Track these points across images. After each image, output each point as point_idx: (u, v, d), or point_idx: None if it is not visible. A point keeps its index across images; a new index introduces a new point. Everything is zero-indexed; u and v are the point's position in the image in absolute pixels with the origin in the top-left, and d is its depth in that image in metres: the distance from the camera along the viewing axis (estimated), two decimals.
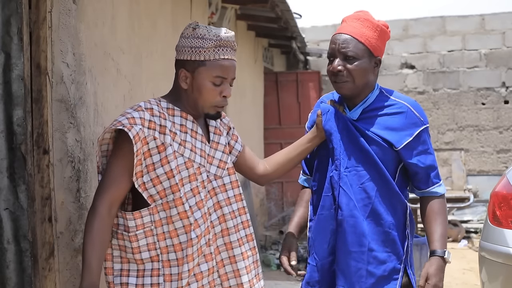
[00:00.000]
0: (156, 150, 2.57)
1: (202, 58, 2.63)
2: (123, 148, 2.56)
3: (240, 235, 2.81)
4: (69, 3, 2.98)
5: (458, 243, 9.66)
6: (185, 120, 2.70)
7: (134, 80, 3.95)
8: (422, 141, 3.00)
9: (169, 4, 5.10)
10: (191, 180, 2.65)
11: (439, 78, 13.91)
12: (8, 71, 2.54)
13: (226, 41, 2.66)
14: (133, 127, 2.51)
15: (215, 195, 2.77)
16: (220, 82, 2.67)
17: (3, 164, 2.55)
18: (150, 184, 2.58)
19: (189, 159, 2.66)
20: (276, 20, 9.21)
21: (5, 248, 2.56)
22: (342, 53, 2.91)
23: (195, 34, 2.65)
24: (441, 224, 2.99)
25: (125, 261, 2.64)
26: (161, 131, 2.59)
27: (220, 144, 2.83)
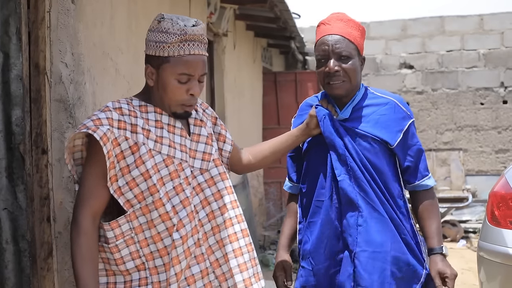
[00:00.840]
0: (130, 151, 2.43)
1: (166, 54, 2.46)
2: (95, 153, 2.42)
3: (233, 229, 2.64)
4: (68, 3, 2.98)
5: (457, 243, 9.67)
6: (160, 115, 2.55)
7: (133, 79, 3.95)
8: (411, 135, 3.04)
9: (168, 4, 5.10)
10: (173, 178, 2.50)
11: (438, 78, 13.93)
12: (7, 71, 2.54)
13: (192, 35, 2.47)
14: (99, 128, 2.37)
15: (201, 191, 2.60)
16: (187, 79, 2.49)
17: (1, 164, 2.54)
18: (126, 188, 2.43)
19: (168, 156, 2.50)
20: (275, 20, 9.21)
21: (4, 248, 2.56)
22: (337, 53, 2.91)
23: (160, 27, 2.48)
24: (435, 219, 3.06)
25: (110, 274, 2.51)
26: (133, 130, 2.44)
27: (202, 136, 2.67)
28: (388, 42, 14.31)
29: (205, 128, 2.70)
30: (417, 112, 13.97)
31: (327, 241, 2.97)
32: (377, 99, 3.05)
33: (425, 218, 3.05)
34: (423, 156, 3.08)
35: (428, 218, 3.05)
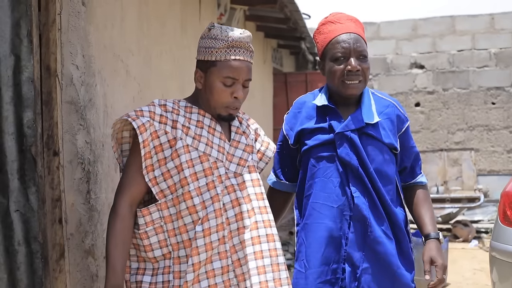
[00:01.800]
0: (168, 145, 2.57)
1: (213, 59, 2.63)
2: (135, 143, 2.58)
3: (257, 233, 2.69)
4: (79, 5, 2.99)
5: (469, 243, 9.62)
6: (202, 117, 2.69)
7: (143, 81, 3.96)
8: (409, 136, 3.10)
9: (178, 5, 5.10)
10: (207, 175, 2.61)
11: (449, 77, 13.89)
12: (18, 74, 2.55)
13: (238, 42, 2.64)
14: (139, 118, 2.54)
15: (233, 191, 2.68)
16: (231, 83, 2.64)
17: (13, 166, 2.55)
18: (161, 178, 2.57)
19: (204, 153, 2.62)
20: (285, 21, 9.21)
21: (16, 249, 2.57)
22: (357, 52, 2.90)
23: (209, 34, 2.66)
24: (429, 209, 3.10)
25: (141, 260, 2.63)
26: (173, 126, 2.59)
27: (241, 143, 2.79)
28: (398, 42, 14.28)
29: (246, 139, 2.82)
30: (428, 112, 13.94)
31: (326, 248, 2.92)
32: (381, 101, 3.04)
33: (420, 207, 3.09)
34: (419, 156, 3.15)
35: (423, 207, 3.09)
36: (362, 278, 2.89)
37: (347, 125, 2.92)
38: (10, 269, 2.58)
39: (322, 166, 2.95)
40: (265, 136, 3.00)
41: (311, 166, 2.98)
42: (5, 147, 2.54)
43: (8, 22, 2.55)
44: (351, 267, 2.89)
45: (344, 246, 2.90)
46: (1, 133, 2.55)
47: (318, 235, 2.93)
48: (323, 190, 2.94)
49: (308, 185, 2.99)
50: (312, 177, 2.97)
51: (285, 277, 2.73)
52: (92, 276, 3.04)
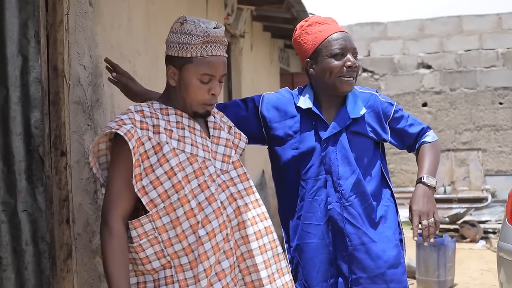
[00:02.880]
0: (153, 151, 2.46)
1: (189, 55, 2.53)
2: (120, 154, 2.47)
3: (258, 227, 2.66)
4: (86, 6, 2.99)
5: (476, 244, 9.60)
6: (180, 117, 2.60)
7: (151, 81, 3.97)
8: (402, 118, 3.16)
9: (185, 6, 5.11)
10: (197, 176, 2.52)
11: (456, 78, 13.87)
12: (26, 74, 2.56)
13: (214, 37, 2.54)
14: (122, 126, 2.42)
15: (227, 187, 2.62)
16: (208, 79, 2.55)
17: (21, 166, 2.56)
18: (150, 187, 2.45)
19: (192, 154, 2.54)
20: (292, 21, 9.20)
21: (24, 249, 2.58)
22: (352, 50, 2.98)
23: (182, 29, 2.54)
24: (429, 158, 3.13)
25: (139, 274, 2.53)
26: (155, 130, 2.49)
27: (222, 139, 2.71)
28: (405, 42, 14.26)
29: (223, 132, 2.74)
30: (435, 112, 13.92)
31: (320, 265, 2.99)
32: (362, 95, 3.11)
33: (421, 158, 3.15)
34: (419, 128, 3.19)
35: (423, 157, 3.14)
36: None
37: (334, 127, 2.98)
38: (17, 269, 2.59)
39: (309, 187, 3.01)
40: (235, 127, 2.91)
41: (300, 188, 3.04)
42: (12, 147, 2.55)
43: (15, 23, 2.56)
44: (343, 279, 2.98)
45: (335, 261, 2.99)
46: (9, 133, 2.55)
47: (311, 255, 3.00)
48: (310, 211, 3.01)
49: (299, 206, 3.05)
50: (302, 199, 3.03)
51: (285, 266, 2.74)
52: (99, 276, 3.04)
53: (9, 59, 2.55)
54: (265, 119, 3.07)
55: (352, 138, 3.01)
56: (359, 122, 3.03)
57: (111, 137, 2.55)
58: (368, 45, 14.50)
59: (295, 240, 3.05)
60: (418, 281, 7.01)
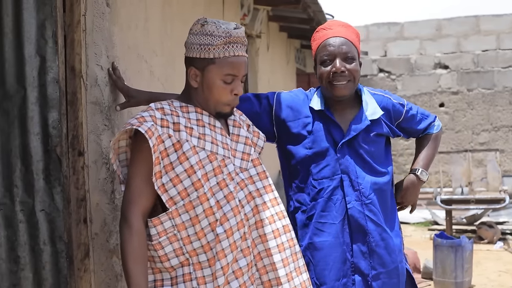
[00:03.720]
0: (173, 149, 2.48)
1: (212, 56, 2.54)
2: (140, 151, 2.50)
3: (276, 226, 2.67)
4: (103, 6, 3.00)
5: (494, 245, 9.55)
6: (200, 115, 2.61)
7: (167, 82, 3.97)
8: (412, 119, 3.29)
9: (202, 6, 5.12)
10: (217, 174, 2.54)
11: (473, 78, 13.80)
12: (43, 74, 2.57)
13: (236, 37, 2.55)
14: (143, 124, 2.44)
15: (245, 186, 2.63)
16: (231, 79, 2.58)
17: (39, 166, 2.57)
18: (170, 185, 2.48)
19: (212, 152, 2.55)
20: (308, 21, 9.20)
21: (41, 249, 2.59)
22: (342, 54, 3.02)
23: (203, 30, 2.55)
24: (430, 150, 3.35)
25: (157, 271, 2.55)
26: (175, 128, 2.51)
27: (241, 136, 2.73)
28: (422, 42, 14.21)
29: (242, 130, 2.76)
30: (452, 112, 13.86)
31: (333, 264, 3.03)
32: (375, 96, 3.19)
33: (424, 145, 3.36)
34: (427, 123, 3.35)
35: (426, 145, 3.35)
36: (374, 284, 3.02)
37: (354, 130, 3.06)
38: (35, 268, 2.60)
39: (323, 186, 3.06)
40: (253, 126, 2.93)
41: (311, 187, 3.09)
42: (30, 147, 2.57)
43: (33, 24, 2.57)
44: (361, 277, 3.03)
45: (350, 258, 3.03)
46: (27, 133, 2.57)
47: (324, 254, 3.04)
48: (325, 210, 3.05)
49: (310, 206, 3.09)
50: (314, 199, 3.08)
51: (302, 264, 2.76)
52: (116, 276, 3.05)
53: (27, 60, 2.57)
54: (279, 117, 3.12)
55: (368, 138, 3.08)
56: (375, 122, 3.10)
57: (131, 134, 2.58)
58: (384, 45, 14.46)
59: (306, 239, 3.09)
60: (435, 282, 6.98)
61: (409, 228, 11.20)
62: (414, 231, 10.95)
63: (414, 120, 3.29)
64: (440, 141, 3.45)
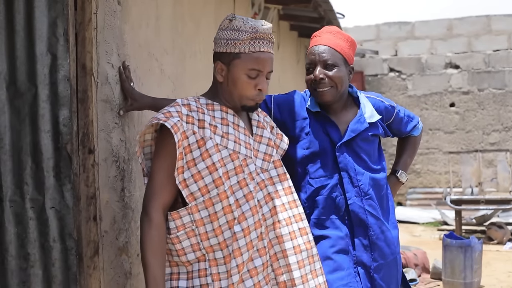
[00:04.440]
0: (196, 145, 2.51)
1: (237, 51, 2.58)
2: (165, 145, 2.53)
3: (292, 228, 2.70)
4: (114, 5, 3.01)
5: (503, 246, 9.52)
6: (225, 113, 2.65)
7: (178, 80, 3.98)
8: (400, 121, 3.45)
9: (213, 5, 5.12)
10: (238, 172, 2.57)
11: (484, 78, 13.75)
12: (55, 72, 2.58)
13: (262, 33, 2.59)
14: (169, 119, 2.48)
15: (265, 187, 2.67)
16: (256, 75, 2.60)
17: (49, 164, 2.58)
18: (191, 180, 2.51)
19: (234, 151, 2.58)
20: (319, 20, 9.19)
21: (51, 246, 2.60)
22: (323, 62, 3.12)
23: (231, 26, 2.60)
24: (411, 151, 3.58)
25: (173, 265, 2.58)
26: (200, 125, 2.54)
27: (264, 137, 2.76)
28: (433, 41, 14.17)
29: (266, 131, 2.79)
30: (463, 112, 13.82)
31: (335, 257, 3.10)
32: (370, 99, 3.31)
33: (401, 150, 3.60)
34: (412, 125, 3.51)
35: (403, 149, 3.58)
36: (375, 275, 3.12)
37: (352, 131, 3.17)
38: (45, 265, 2.61)
39: (322, 184, 3.16)
40: (277, 128, 2.97)
41: (308, 186, 3.18)
42: (41, 144, 2.58)
43: (45, 21, 2.58)
44: (363, 269, 3.12)
45: (352, 252, 3.13)
46: (38, 131, 2.58)
47: (325, 247, 3.10)
48: (324, 207, 3.15)
49: (309, 203, 3.17)
50: (311, 197, 3.17)
51: (319, 267, 2.79)
52: (125, 274, 3.06)
53: (38, 57, 2.58)
54: (278, 120, 3.20)
55: (365, 138, 3.20)
56: (372, 124, 3.23)
57: (157, 128, 2.62)
58: (395, 44, 14.43)
59: None
60: (444, 282, 6.97)
61: (419, 228, 11.18)
62: (423, 231, 10.93)
63: (402, 122, 3.44)
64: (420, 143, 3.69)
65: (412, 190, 13.84)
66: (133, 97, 3.03)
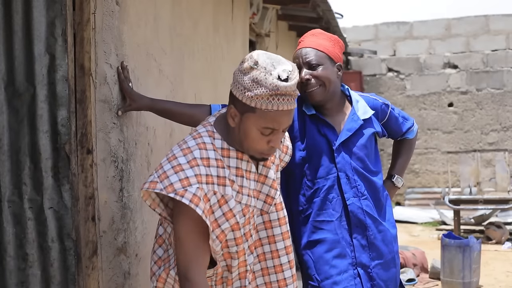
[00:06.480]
0: (217, 205, 2.36)
1: (253, 105, 2.32)
2: (187, 215, 2.33)
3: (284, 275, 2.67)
4: (112, 5, 3.01)
5: (502, 245, 9.52)
6: (240, 161, 2.46)
7: (176, 80, 3.98)
8: (395, 119, 3.43)
9: (211, 5, 5.12)
10: (245, 225, 2.49)
11: (483, 78, 13.74)
12: (53, 72, 2.58)
13: (283, 91, 2.31)
14: (187, 190, 2.26)
15: (256, 232, 2.61)
16: (269, 132, 2.37)
17: (47, 164, 2.58)
18: (217, 242, 2.38)
19: (246, 205, 2.47)
20: (317, 20, 9.19)
21: (50, 246, 2.60)
22: (307, 63, 3.13)
23: (252, 75, 2.33)
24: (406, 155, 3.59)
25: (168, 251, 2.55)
26: (220, 182, 2.36)
27: (268, 178, 2.60)
28: (432, 41, 14.16)
29: (273, 169, 2.65)
30: (461, 112, 13.82)
31: (333, 260, 3.12)
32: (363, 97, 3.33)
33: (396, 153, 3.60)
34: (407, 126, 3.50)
35: (399, 153, 3.59)
36: (374, 275, 3.14)
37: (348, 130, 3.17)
38: (43, 265, 2.61)
39: (318, 186, 3.17)
40: (285, 139, 2.87)
41: (306, 188, 3.19)
42: (39, 144, 2.58)
43: (43, 22, 2.58)
44: (363, 269, 3.14)
45: (351, 253, 3.14)
46: (36, 131, 2.58)
47: (323, 250, 3.13)
48: (321, 209, 3.16)
49: (306, 206, 3.19)
50: (309, 199, 3.18)
51: None
52: (124, 274, 3.06)
53: (36, 58, 2.58)
54: None
55: (361, 137, 3.21)
56: (367, 121, 3.23)
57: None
58: (393, 44, 14.43)
59: (304, 238, 3.19)
60: (442, 282, 6.97)
61: (417, 228, 11.18)
62: (422, 231, 10.93)
63: (397, 122, 3.44)
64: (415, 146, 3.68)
65: (411, 190, 13.83)
66: (132, 97, 3.03)
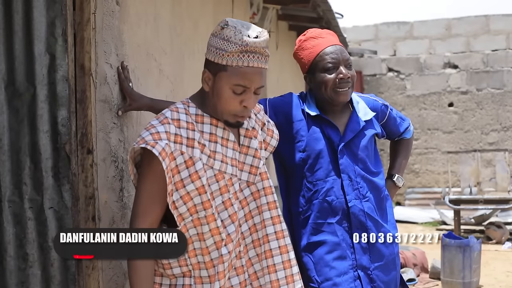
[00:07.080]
0: (184, 166, 2.38)
1: (224, 63, 2.38)
2: (151, 169, 2.38)
3: (270, 246, 2.61)
4: (113, 5, 3.01)
5: (502, 245, 9.53)
6: (215, 127, 2.50)
7: (176, 80, 3.98)
8: (393, 120, 3.43)
9: (211, 5, 5.12)
10: (223, 193, 2.47)
11: (483, 77, 13.76)
12: (53, 72, 2.58)
13: (253, 47, 2.37)
14: (157, 143, 2.33)
15: (247, 204, 2.58)
16: (242, 90, 2.40)
17: (48, 164, 2.58)
18: (181, 202, 2.40)
19: (220, 171, 2.46)
20: (317, 20, 9.19)
21: (50, 246, 2.60)
22: (345, 61, 3.12)
23: (222, 34, 2.39)
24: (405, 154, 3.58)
25: (158, 274, 2.51)
26: (189, 144, 2.40)
27: (251, 148, 2.60)
28: (432, 41, 14.18)
29: (255, 140, 2.65)
30: (461, 112, 13.83)
31: (333, 261, 3.10)
32: (363, 98, 3.31)
33: (395, 153, 3.58)
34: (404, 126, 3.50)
35: (397, 153, 3.57)
36: (375, 276, 3.12)
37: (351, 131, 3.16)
38: (44, 265, 2.61)
39: (318, 188, 3.14)
40: (269, 123, 2.85)
41: (306, 189, 3.16)
42: (39, 144, 2.58)
43: (43, 22, 2.58)
44: (363, 271, 3.11)
45: (351, 255, 3.11)
46: (36, 131, 2.58)
47: (323, 252, 3.11)
48: (321, 211, 3.13)
49: (306, 207, 3.16)
50: (309, 200, 3.15)
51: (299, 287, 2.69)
52: (124, 274, 3.06)
53: (36, 58, 2.58)
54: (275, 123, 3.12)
55: (362, 138, 3.19)
56: (368, 123, 3.22)
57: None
58: (394, 44, 14.44)
59: (304, 239, 3.15)
60: (443, 282, 6.97)
61: (417, 227, 11.19)
62: (422, 231, 10.93)
63: (395, 122, 3.43)
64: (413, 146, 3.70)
65: (411, 190, 13.85)
66: (132, 97, 3.02)
